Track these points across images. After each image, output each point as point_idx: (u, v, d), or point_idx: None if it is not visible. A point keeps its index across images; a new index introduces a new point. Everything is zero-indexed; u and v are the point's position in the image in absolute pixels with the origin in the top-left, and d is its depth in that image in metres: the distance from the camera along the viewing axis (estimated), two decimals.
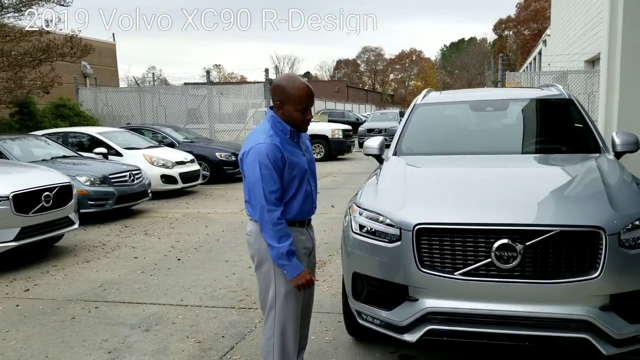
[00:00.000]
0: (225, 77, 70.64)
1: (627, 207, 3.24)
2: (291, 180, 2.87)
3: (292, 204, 2.90)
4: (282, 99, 2.84)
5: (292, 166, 2.85)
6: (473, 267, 3.11)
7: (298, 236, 2.96)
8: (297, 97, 2.82)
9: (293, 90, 2.82)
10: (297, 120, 2.87)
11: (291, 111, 2.84)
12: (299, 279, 2.84)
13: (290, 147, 2.89)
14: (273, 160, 2.77)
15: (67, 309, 5.02)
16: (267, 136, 2.83)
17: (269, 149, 2.78)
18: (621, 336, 3.01)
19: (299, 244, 2.95)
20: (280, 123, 2.89)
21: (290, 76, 2.93)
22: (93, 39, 21.74)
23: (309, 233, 3.08)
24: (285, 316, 2.96)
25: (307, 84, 2.87)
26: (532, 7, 55.49)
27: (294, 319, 2.99)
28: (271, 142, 2.80)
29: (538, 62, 29.56)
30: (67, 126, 14.89)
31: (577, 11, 16.42)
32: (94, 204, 8.86)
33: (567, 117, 4.99)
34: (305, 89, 2.84)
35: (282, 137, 2.87)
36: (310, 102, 2.87)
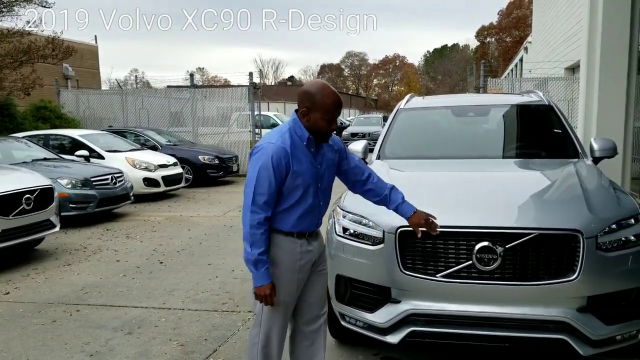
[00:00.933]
0: (209, 80, 70.30)
1: (604, 211, 3.32)
2: (293, 189, 2.72)
3: (290, 214, 2.76)
4: (310, 106, 2.70)
5: (296, 175, 2.70)
6: (454, 269, 3.16)
7: (293, 248, 2.80)
8: (326, 106, 2.69)
9: (323, 98, 2.69)
10: (323, 129, 2.72)
11: (318, 119, 2.70)
12: (259, 290, 2.71)
13: (303, 155, 2.73)
14: (276, 163, 2.65)
15: (48, 312, 4.97)
16: (279, 137, 2.72)
17: (275, 151, 2.66)
18: (598, 337, 3.08)
19: (291, 256, 2.80)
20: (301, 128, 2.74)
21: (320, 83, 2.77)
22: (75, 41, 21.54)
23: (311, 244, 2.88)
24: (270, 325, 2.88)
25: (337, 93, 2.75)
26: (514, 14, 56.18)
27: (280, 328, 2.90)
28: (281, 145, 2.68)
29: (519, 69, 29.93)
30: (48, 128, 14.72)
31: (557, 19, 16.68)
32: (75, 207, 8.78)
33: (547, 122, 5.08)
34: (336, 98, 2.72)
35: (296, 143, 2.73)
36: (338, 113, 2.75)
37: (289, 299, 2.86)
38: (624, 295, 3.18)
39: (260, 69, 69.06)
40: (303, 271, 2.87)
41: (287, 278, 2.81)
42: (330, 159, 2.89)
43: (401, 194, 3.04)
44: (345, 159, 3.00)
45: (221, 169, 13.98)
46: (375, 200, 3.09)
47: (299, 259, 2.83)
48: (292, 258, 2.81)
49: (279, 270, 2.79)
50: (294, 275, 2.82)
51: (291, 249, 2.81)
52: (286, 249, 2.80)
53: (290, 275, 2.81)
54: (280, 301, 2.82)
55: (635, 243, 3.22)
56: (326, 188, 2.89)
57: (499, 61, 52.72)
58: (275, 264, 2.77)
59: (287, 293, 2.83)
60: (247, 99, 16.03)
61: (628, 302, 3.21)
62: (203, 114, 17.32)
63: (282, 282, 2.79)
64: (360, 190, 3.10)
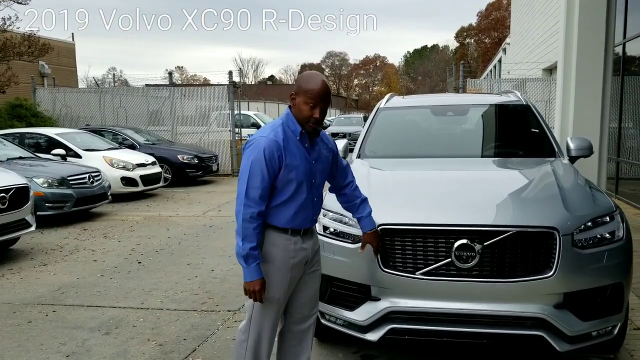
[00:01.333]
0: (188, 79, 69.76)
1: (580, 209, 3.36)
2: (287, 183, 2.70)
3: (286, 209, 2.74)
4: (297, 90, 2.71)
5: (290, 169, 2.68)
6: (434, 266, 3.17)
7: (287, 246, 2.78)
8: (309, 90, 2.67)
9: (308, 83, 2.69)
10: (305, 115, 2.68)
11: (301, 104, 2.68)
12: (249, 285, 2.68)
13: (297, 149, 2.72)
14: (269, 156, 2.63)
15: (24, 313, 4.89)
16: (272, 131, 2.70)
17: (267, 144, 2.64)
18: (574, 333, 3.12)
19: (285, 253, 2.78)
20: (293, 123, 2.73)
21: (312, 72, 2.80)
22: (51, 39, 21.24)
23: (305, 242, 2.86)
24: (261, 324, 2.84)
25: (325, 82, 2.72)
26: (493, 16, 56.81)
27: (270, 327, 2.87)
28: (273, 138, 2.66)
29: (498, 70, 30.27)
30: (23, 127, 14.48)
31: (535, 21, 16.91)
32: (51, 206, 8.65)
33: (525, 122, 5.14)
34: (321, 84, 2.68)
35: (289, 137, 2.71)
36: (322, 100, 2.68)
37: (280, 297, 2.82)
38: (600, 291, 3.23)
39: (240, 68, 68.69)
40: (296, 269, 2.84)
41: (279, 275, 2.78)
42: (325, 157, 2.90)
43: (370, 208, 3.15)
44: (336, 159, 3.02)
45: (200, 169, 13.90)
46: (344, 206, 3.20)
47: (292, 257, 2.80)
48: (286, 255, 2.78)
49: (272, 267, 2.76)
50: (286, 272, 2.79)
51: (285, 246, 2.78)
52: (280, 245, 2.77)
53: (282, 272, 2.78)
54: (271, 298, 2.79)
55: (610, 240, 3.27)
56: (320, 185, 2.88)
57: (478, 62, 53.23)
58: (268, 261, 2.75)
59: (278, 290, 2.79)
60: (227, 98, 15.95)
61: (603, 299, 3.25)
62: (182, 113, 17.20)
63: (273, 280, 2.77)
64: (335, 193, 3.19)
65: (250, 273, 2.67)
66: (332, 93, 17.43)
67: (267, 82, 72.60)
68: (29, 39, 14.89)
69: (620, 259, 3.28)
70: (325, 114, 2.74)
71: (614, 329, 3.30)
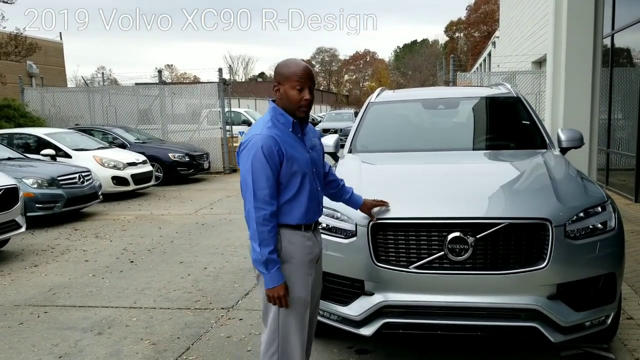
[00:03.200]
0: (178, 77, 69.45)
1: (572, 200, 3.37)
2: (291, 176, 2.62)
3: (296, 204, 2.65)
4: (279, 79, 2.64)
5: (292, 160, 2.60)
6: (427, 260, 3.16)
7: (303, 242, 2.69)
8: (292, 74, 2.60)
9: (288, 67, 2.63)
10: (294, 100, 2.60)
11: (288, 90, 2.61)
12: (272, 292, 2.56)
13: (291, 140, 2.65)
14: (268, 153, 2.54)
15: (15, 315, 4.85)
16: (264, 127, 2.62)
17: (264, 141, 2.55)
18: (568, 324, 3.12)
19: (302, 250, 2.69)
20: (282, 115, 2.66)
21: (288, 58, 2.71)
22: (39, 38, 21.07)
23: (316, 238, 2.81)
24: (289, 331, 2.68)
25: (304, 63, 2.67)
26: (482, 9, 56.89)
27: (299, 335, 2.69)
28: (268, 134, 2.57)
29: (488, 63, 30.34)
30: (12, 127, 14.35)
31: (524, 14, 16.94)
32: (41, 207, 8.58)
33: (516, 114, 5.14)
34: (302, 66, 2.63)
35: (282, 130, 2.64)
36: (307, 80, 2.61)
37: (305, 296, 2.70)
38: (593, 282, 3.24)
39: (230, 65, 68.44)
40: (312, 266, 2.76)
41: (301, 274, 2.68)
42: (318, 144, 2.87)
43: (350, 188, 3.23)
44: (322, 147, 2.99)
45: (192, 167, 13.84)
46: (334, 192, 3.16)
47: (309, 253, 2.72)
48: (304, 252, 2.69)
49: (292, 267, 2.66)
50: (307, 270, 2.70)
51: (302, 243, 2.69)
52: (297, 243, 2.67)
53: (303, 270, 2.69)
54: (297, 299, 2.67)
55: (603, 231, 3.28)
56: (320, 173, 2.83)
57: (467, 56, 53.32)
58: (287, 261, 2.64)
59: (302, 290, 2.68)
60: (217, 95, 15.88)
61: (596, 289, 3.26)
62: (172, 111, 17.11)
63: (296, 279, 2.66)
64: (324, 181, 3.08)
65: (272, 279, 2.55)
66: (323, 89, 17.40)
67: (257, 79, 72.37)
68: (15, 38, 14.75)
69: (612, 249, 3.29)
70: (313, 95, 2.68)
71: (607, 319, 3.31)
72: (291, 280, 2.65)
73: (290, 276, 2.65)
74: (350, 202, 3.22)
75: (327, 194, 3.15)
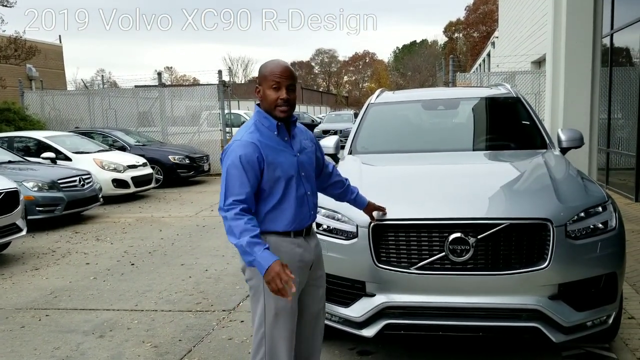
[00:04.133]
0: (177, 79, 69.45)
1: (573, 199, 3.37)
2: (275, 182, 2.56)
3: (282, 211, 2.59)
4: (260, 80, 2.60)
5: (274, 166, 2.54)
6: (428, 261, 3.17)
7: (292, 249, 2.63)
8: (269, 73, 2.56)
9: (266, 67, 2.59)
10: (271, 100, 2.56)
11: (265, 90, 2.57)
12: (269, 273, 2.38)
13: (277, 145, 2.59)
14: (245, 160, 2.49)
15: (16, 318, 4.85)
16: (246, 132, 2.57)
17: (243, 148, 2.51)
18: (570, 324, 3.12)
19: (291, 257, 2.61)
20: (266, 118, 2.61)
21: (269, 60, 2.66)
22: (38, 41, 21.08)
23: (308, 244, 2.74)
24: (275, 337, 2.63)
25: (283, 61, 2.62)
26: (481, 10, 56.92)
27: (286, 341, 2.65)
28: (248, 140, 2.53)
29: (487, 64, 30.36)
30: (12, 131, 14.36)
31: (523, 14, 16.95)
32: (42, 210, 8.58)
33: (515, 114, 5.15)
34: (278, 64, 2.58)
35: (266, 134, 2.58)
36: (283, 78, 2.55)
37: (292, 304, 2.64)
38: (594, 281, 3.24)
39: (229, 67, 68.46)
40: (301, 274, 2.69)
41: None
42: (309, 147, 2.79)
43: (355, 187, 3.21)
44: (319, 150, 2.94)
45: (192, 169, 13.84)
46: (339, 192, 3.13)
47: (299, 260, 2.67)
48: (292, 259, 2.63)
49: None
50: (295, 277, 2.55)
51: (290, 250, 2.63)
52: (284, 250, 2.61)
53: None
54: (282, 307, 2.61)
55: (603, 230, 3.28)
56: (310, 177, 2.75)
57: (467, 56, 53.33)
58: None
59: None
60: (217, 97, 15.88)
61: (598, 289, 3.26)
62: (172, 113, 17.11)
63: None
64: (327, 183, 3.07)
65: (263, 260, 2.39)
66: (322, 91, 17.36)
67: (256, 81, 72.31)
68: (15, 41, 14.75)
69: (613, 249, 3.29)
70: (294, 95, 2.62)
71: (608, 319, 3.31)
72: None
73: None
74: (356, 203, 3.19)
75: (332, 195, 3.15)
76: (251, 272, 2.65)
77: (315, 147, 2.88)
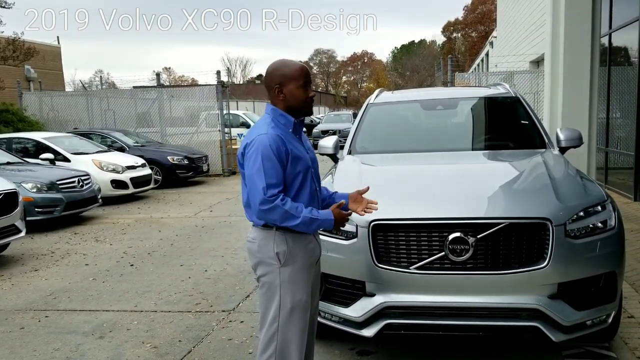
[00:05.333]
0: (176, 80, 69.46)
1: (572, 199, 3.37)
2: (295, 177, 2.61)
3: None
4: (282, 80, 2.64)
5: (296, 160, 2.60)
6: (428, 260, 3.17)
7: (306, 244, 2.68)
8: (295, 73, 2.64)
9: (289, 67, 2.65)
10: (301, 98, 2.65)
11: (293, 90, 2.63)
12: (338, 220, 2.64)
13: (293, 140, 2.66)
14: (276, 151, 2.53)
15: (16, 319, 4.84)
16: (269, 127, 2.60)
17: (271, 140, 2.54)
18: (569, 323, 3.13)
19: (306, 253, 2.67)
20: (283, 116, 2.66)
21: (280, 59, 2.73)
22: (37, 42, 21.07)
23: (317, 240, 2.80)
24: (289, 334, 2.64)
25: (299, 62, 2.75)
26: (479, 9, 56.99)
27: (299, 338, 2.66)
28: (274, 133, 2.57)
29: (485, 64, 30.36)
30: (10, 132, 14.34)
31: (521, 14, 16.96)
32: (41, 211, 8.57)
33: (514, 114, 5.15)
34: (298, 64, 2.68)
35: (284, 130, 2.64)
36: (309, 78, 2.69)
37: (306, 299, 2.68)
38: (593, 281, 3.24)
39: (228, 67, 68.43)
40: (314, 268, 2.76)
41: (303, 276, 2.66)
42: (309, 146, 2.85)
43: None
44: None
45: (191, 169, 13.84)
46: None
47: (311, 255, 2.71)
48: (307, 254, 2.69)
49: (295, 269, 2.64)
50: (309, 272, 2.69)
51: (304, 245, 2.68)
52: (300, 244, 2.66)
53: (305, 272, 2.68)
54: (297, 302, 2.64)
55: (603, 229, 3.29)
56: (318, 174, 2.83)
57: (465, 56, 53.36)
58: (290, 263, 2.62)
59: (304, 292, 2.67)
60: (216, 97, 15.88)
61: (597, 288, 3.27)
62: (171, 114, 17.12)
63: (298, 282, 2.65)
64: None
65: (326, 216, 2.62)
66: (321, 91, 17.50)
67: (255, 81, 72.39)
68: (13, 42, 14.74)
69: (613, 248, 3.29)
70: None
71: (608, 318, 3.31)
72: (293, 284, 2.64)
73: (293, 279, 2.63)
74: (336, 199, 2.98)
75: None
76: (265, 268, 2.66)
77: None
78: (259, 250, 2.67)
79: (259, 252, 2.67)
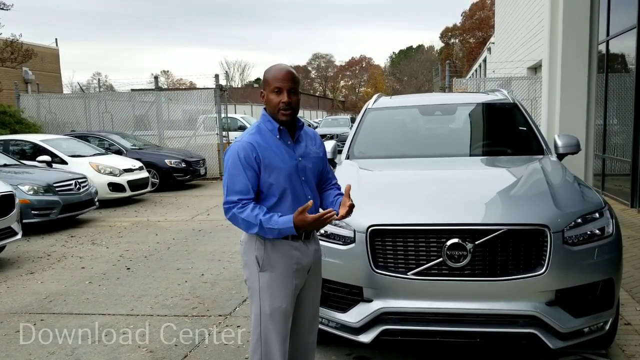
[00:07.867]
0: (174, 83, 69.56)
1: (570, 205, 3.38)
2: (270, 185, 2.60)
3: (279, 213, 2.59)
4: (263, 85, 2.65)
5: (270, 169, 2.58)
6: (425, 266, 3.16)
7: (289, 251, 2.65)
8: (271, 77, 2.60)
9: (269, 72, 2.64)
10: (273, 103, 2.60)
11: (268, 94, 2.62)
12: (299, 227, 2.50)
13: (278, 148, 2.62)
14: (244, 159, 2.55)
15: (11, 323, 4.81)
16: (247, 134, 2.65)
17: (240, 147, 2.58)
18: (567, 330, 3.13)
19: (287, 260, 2.65)
20: (270, 121, 2.66)
21: (275, 64, 2.69)
22: (35, 44, 21.05)
23: (307, 248, 2.73)
24: (269, 338, 2.67)
25: (285, 65, 2.65)
26: (477, 15, 57.16)
27: (280, 340, 2.68)
28: (246, 140, 2.59)
29: (483, 69, 30.43)
30: (7, 134, 14.31)
31: (519, 20, 17.02)
32: (37, 214, 8.54)
33: (512, 120, 5.16)
34: (280, 68, 2.62)
35: (267, 137, 2.63)
36: (285, 82, 2.58)
37: (287, 306, 2.68)
38: (591, 287, 3.24)
39: (226, 71, 68.52)
40: (298, 277, 2.71)
41: (282, 283, 2.65)
42: (315, 153, 2.79)
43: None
44: (325, 157, 2.93)
45: (188, 173, 13.82)
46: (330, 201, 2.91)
47: (295, 263, 2.67)
48: (289, 262, 2.66)
49: (275, 275, 2.64)
50: (290, 280, 2.67)
51: (286, 252, 2.65)
52: (281, 251, 2.64)
53: (286, 279, 2.66)
54: (277, 309, 2.66)
55: (600, 236, 3.29)
56: (312, 181, 2.76)
57: (463, 62, 53.53)
58: (269, 269, 2.63)
59: (284, 300, 2.66)
60: (214, 101, 15.86)
61: (595, 295, 3.27)
62: (169, 117, 17.09)
63: (277, 289, 2.64)
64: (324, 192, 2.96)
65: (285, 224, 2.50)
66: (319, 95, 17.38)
67: (253, 85, 72.43)
68: (11, 44, 14.73)
69: (610, 255, 3.29)
70: (296, 97, 2.64)
71: (605, 325, 3.31)
72: (271, 290, 2.65)
73: (271, 285, 2.65)
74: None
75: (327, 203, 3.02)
76: (247, 272, 2.73)
77: (323, 154, 2.88)
78: (244, 253, 2.75)
79: (244, 254, 2.75)
